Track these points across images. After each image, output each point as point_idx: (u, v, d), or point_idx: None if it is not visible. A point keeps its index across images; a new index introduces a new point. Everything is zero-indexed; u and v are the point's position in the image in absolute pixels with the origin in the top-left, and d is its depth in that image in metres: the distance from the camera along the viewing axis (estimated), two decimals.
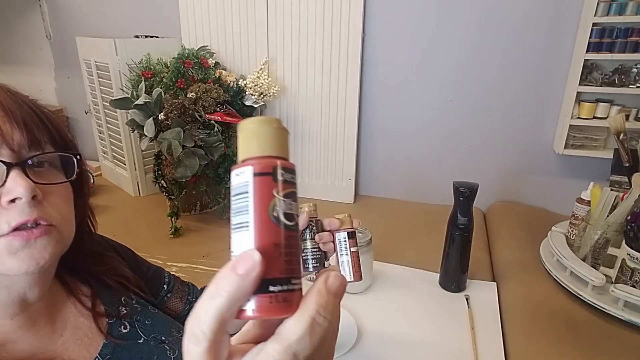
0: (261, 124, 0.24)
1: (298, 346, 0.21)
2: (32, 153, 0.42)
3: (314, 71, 1.37)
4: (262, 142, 0.24)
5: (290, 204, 0.23)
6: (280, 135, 0.25)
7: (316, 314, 0.21)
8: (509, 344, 0.80)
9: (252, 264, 0.21)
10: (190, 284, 0.75)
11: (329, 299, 0.22)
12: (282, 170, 0.23)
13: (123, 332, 0.52)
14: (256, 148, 0.24)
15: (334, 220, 0.65)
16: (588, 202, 0.98)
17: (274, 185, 0.23)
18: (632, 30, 1.07)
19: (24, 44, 1.88)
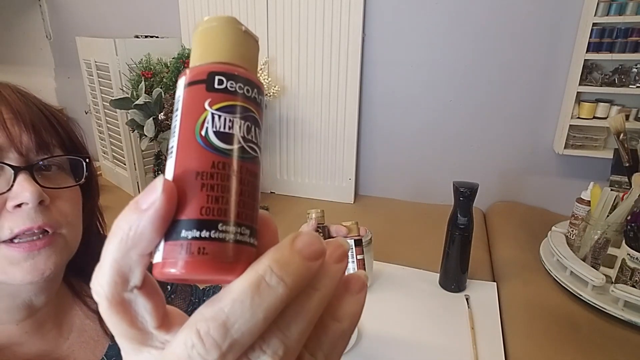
0: (210, 24, 0.19)
1: (231, 313, 0.15)
2: (40, 156, 0.41)
3: (314, 71, 1.37)
4: (208, 45, 0.19)
5: (229, 121, 0.17)
6: (237, 37, 0.19)
7: (266, 272, 0.16)
8: (509, 344, 0.80)
9: (156, 195, 0.16)
10: (193, 285, 0.75)
11: (292, 257, 0.16)
12: (221, 76, 0.18)
13: None
14: (199, 54, 0.19)
15: (341, 227, 0.65)
16: (588, 202, 0.98)
17: (207, 96, 0.17)
18: (632, 30, 1.07)
19: (24, 44, 1.88)
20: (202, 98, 0.17)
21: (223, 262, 0.16)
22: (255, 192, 0.18)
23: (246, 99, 0.18)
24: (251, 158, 0.18)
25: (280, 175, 1.53)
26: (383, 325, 0.84)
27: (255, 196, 0.18)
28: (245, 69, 0.18)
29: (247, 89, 0.18)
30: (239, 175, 0.17)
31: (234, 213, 0.17)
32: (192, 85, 0.18)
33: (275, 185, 1.55)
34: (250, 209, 0.18)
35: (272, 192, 1.56)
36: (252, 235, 0.17)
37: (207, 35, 0.19)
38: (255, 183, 0.18)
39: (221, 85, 0.17)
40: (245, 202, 0.17)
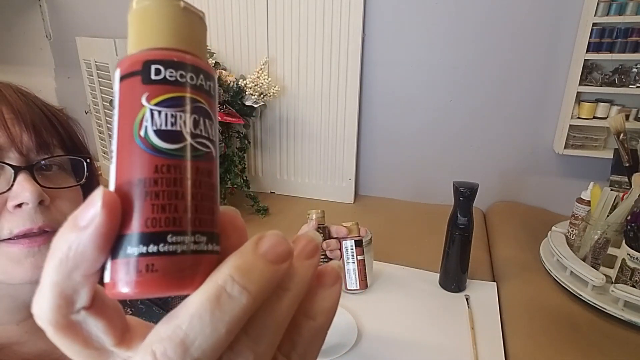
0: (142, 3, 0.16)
1: (189, 330, 0.14)
2: (40, 156, 0.41)
3: (314, 71, 1.37)
4: (142, 29, 0.16)
5: (171, 116, 0.15)
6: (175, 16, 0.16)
7: (228, 282, 0.14)
8: (509, 344, 0.80)
9: (94, 211, 0.14)
10: None
11: (255, 262, 0.15)
12: (159, 64, 0.15)
13: None
14: (134, 40, 0.16)
15: (341, 228, 0.65)
16: (588, 202, 0.98)
17: (144, 90, 0.15)
18: (632, 30, 1.07)
19: (24, 44, 1.88)
20: (138, 92, 0.15)
21: (177, 277, 0.14)
22: (212, 192, 0.16)
23: (191, 88, 0.15)
24: (202, 155, 0.16)
25: (280, 175, 1.53)
26: (383, 325, 0.84)
27: (212, 197, 0.16)
28: (186, 52, 0.16)
29: (191, 76, 0.15)
30: (188, 177, 0.15)
31: (185, 221, 0.15)
32: (126, 78, 0.15)
33: (275, 185, 1.55)
34: (206, 212, 0.16)
35: (272, 192, 1.56)
36: (210, 241, 0.16)
37: (140, 17, 0.16)
38: (210, 182, 0.16)
39: (159, 76, 0.15)
40: (199, 205, 0.15)
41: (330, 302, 0.18)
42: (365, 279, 0.70)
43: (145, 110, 0.15)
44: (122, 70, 0.15)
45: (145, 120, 0.15)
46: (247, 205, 1.37)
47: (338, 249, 0.67)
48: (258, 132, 1.50)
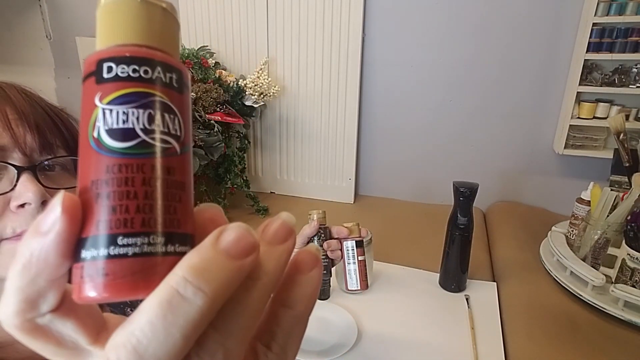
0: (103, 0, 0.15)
1: (142, 337, 0.13)
2: (43, 157, 0.42)
3: (314, 71, 1.37)
4: (101, 28, 0.16)
5: (122, 114, 0.15)
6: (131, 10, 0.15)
7: (181, 284, 0.13)
8: (509, 344, 0.80)
9: (54, 216, 0.14)
10: None
11: (214, 259, 0.14)
12: (110, 62, 0.15)
13: None
14: (97, 40, 0.16)
15: (342, 228, 0.65)
16: (588, 202, 0.98)
17: (97, 90, 0.15)
18: (632, 30, 1.07)
19: (24, 44, 1.88)
20: (92, 93, 0.15)
21: (130, 281, 0.14)
22: (176, 189, 0.15)
23: (145, 83, 0.15)
24: (161, 151, 0.15)
25: (280, 175, 1.53)
26: (383, 325, 0.84)
27: (176, 195, 0.15)
28: (140, 45, 0.15)
29: (145, 69, 0.15)
30: (142, 176, 0.14)
31: (137, 222, 0.14)
32: (85, 79, 0.15)
33: (275, 185, 1.55)
34: (167, 212, 0.15)
35: (272, 192, 1.56)
36: (172, 242, 0.15)
37: (101, 16, 0.15)
38: (173, 179, 0.15)
39: (110, 73, 0.14)
40: (156, 205, 0.15)
41: (309, 288, 0.17)
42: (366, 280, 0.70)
43: (97, 110, 0.15)
44: (82, 73, 0.15)
45: (97, 120, 0.15)
46: (247, 205, 1.37)
47: (339, 249, 0.67)
48: (258, 132, 1.50)
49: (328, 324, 0.84)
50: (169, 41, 0.16)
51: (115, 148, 0.14)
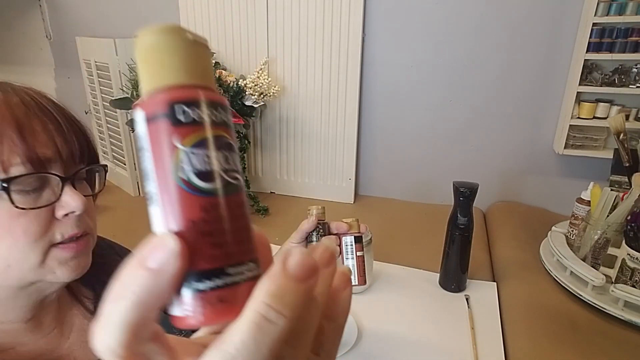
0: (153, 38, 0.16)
1: (238, 355, 0.15)
2: (78, 166, 0.44)
3: (314, 71, 1.37)
4: (157, 66, 0.16)
5: (205, 156, 0.16)
6: (187, 50, 0.16)
7: (265, 309, 0.15)
8: (509, 344, 0.80)
9: (167, 254, 0.15)
10: None
11: (287, 285, 0.16)
12: (184, 105, 0.16)
13: None
14: (149, 77, 0.16)
15: (341, 223, 0.66)
16: (588, 202, 0.98)
17: (174, 132, 0.16)
18: (632, 30, 1.07)
19: (24, 44, 1.88)
20: (169, 135, 0.16)
21: (223, 307, 0.16)
22: (248, 221, 0.18)
23: (216, 125, 0.16)
24: (237, 187, 0.17)
25: (280, 175, 1.53)
26: (383, 325, 0.84)
27: (249, 226, 0.18)
28: (205, 87, 0.16)
29: (214, 112, 0.16)
30: (231, 212, 0.16)
31: (238, 252, 0.17)
32: (154, 120, 0.16)
33: (275, 185, 1.55)
34: (248, 241, 0.17)
35: (272, 192, 1.56)
36: (251, 268, 0.17)
37: (153, 52, 0.16)
38: (245, 212, 0.17)
39: (187, 117, 0.16)
40: (244, 237, 0.17)
41: (346, 303, 0.20)
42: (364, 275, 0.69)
43: (180, 153, 0.16)
44: (147, 113, 0.16)
45: (182, 162, 0.16)
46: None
47: (338, 245, 0.67)
48: (258, 132, 1.50)
49: None
50: (212, 75, 0.18)
51: (206, 189, 0.16)
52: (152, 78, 0.16)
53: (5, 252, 0.40)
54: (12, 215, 0.39)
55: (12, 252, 0.40)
